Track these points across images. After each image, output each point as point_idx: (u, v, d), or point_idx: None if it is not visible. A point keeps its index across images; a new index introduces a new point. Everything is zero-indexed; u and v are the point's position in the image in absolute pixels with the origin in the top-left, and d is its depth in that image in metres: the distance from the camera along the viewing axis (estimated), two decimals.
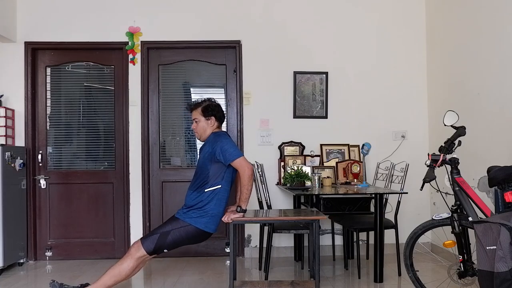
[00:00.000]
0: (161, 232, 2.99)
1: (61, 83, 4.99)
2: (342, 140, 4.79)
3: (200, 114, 3.18)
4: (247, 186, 3.00)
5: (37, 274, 4.32)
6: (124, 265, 2.96)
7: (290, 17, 4.88)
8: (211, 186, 3.04)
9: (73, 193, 4.82)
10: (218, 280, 3.96)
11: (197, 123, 3.20)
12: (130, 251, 3.00)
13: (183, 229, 3.00)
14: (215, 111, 3.19)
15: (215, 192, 3.04)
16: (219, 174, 3.05)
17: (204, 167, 3.07)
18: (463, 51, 4.20)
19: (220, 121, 3.24)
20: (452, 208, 2.91)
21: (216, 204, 3.04)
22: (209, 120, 3.18)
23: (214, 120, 3.19)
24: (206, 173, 3.05)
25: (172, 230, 2.99)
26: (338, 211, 3.97)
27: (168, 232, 2.98)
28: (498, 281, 2.34)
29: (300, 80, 4.85)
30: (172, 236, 2.99)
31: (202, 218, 3.00)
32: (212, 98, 3.31)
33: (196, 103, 3.26)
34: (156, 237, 2.97)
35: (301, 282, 3.32)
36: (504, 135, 3.54)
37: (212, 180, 3.04)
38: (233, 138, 4.85)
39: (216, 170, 3.05)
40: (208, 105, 3.20)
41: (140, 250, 2.97)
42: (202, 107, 3.19)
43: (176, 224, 3.02)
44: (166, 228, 3.01)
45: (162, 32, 4.82)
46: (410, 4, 4.95)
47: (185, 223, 3.00)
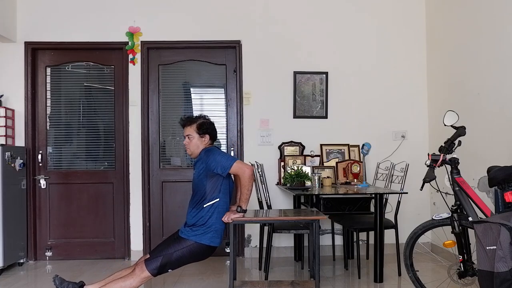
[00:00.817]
0: (164, 254, 2.97)
1: (61, 83, 4.99)
2: (342, 140, 4.79)
3: (195, 131, 3.12)
4: (248, 186, 3.00)
5: (37, 274, 4.32)
6: (127, 282, 2.93)
7: (290, 17, 4.88)
8: (209, 201, 3.02)
9: (73, 193, 4.82)
10: (218, 280, 3.96)
11: (190, 139, 3.13)
12: (135, 271, 2.97)
13: (186, 249, 2.97)
14: (210, 129, 3.15)
15: (214, 206, 3.03)
16: (215, 188, 3.03)
17: (200, 184, 3.05)
18: (463, 51, 4.20)
19: (214, 139, 3.19)
20: (452, 208, 2.91)
21: (218, 218, 3.03)
22: (203, 137, 3.12)
23: (208, 138, 3.14)
24: (203, 189, 3.03)
25: (176, 251, 2.96)
26: (338, 211, 3.96)
27: (171, 254, 2.96)
28: (498, 281, 2.34)
29: (300, 80, 4.85)
30: (175, 257, 2.97)
31: (206, 234, 2.99)
32: (206, 116, 3.24)
33: (190, 119, 3.20)
34: (160, 259, 2.95)
35: (301, 282, 3.32)
36: (504, 135, 3.54)
37: (210, 195, 3.02)
38: (233, 138, 4.86)
39: (212, 185, 3.03)
40: (203, 123, 3.14)
41: (144, 271, 2.95)
42: (197, 124, 3.13)
43: (179, 244, 2.99)
44: (169, 250, 2.98)
45: (162, 32, 4.82)
46: (410, 4, 4.95)
47: (190, 242, 2.97)
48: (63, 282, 3.03)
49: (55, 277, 3.06)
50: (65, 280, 3.04)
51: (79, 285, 3.02)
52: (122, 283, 2.93)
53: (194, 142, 3.13)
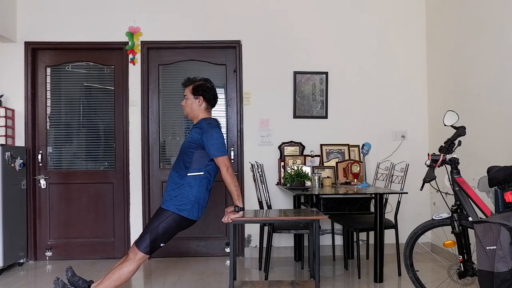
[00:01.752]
0: (151, 230, 3.01)
1: (61, 83, 4.99)
2: (342, 140, 4.78)
3: (190, 92, 3.19)
4: (232, 183, 3.02)
5: (37, 274, 4.32)
6: (124, 269, 2.98)
7: (290, 17, 4.88)
8: (193, 172, 3.04)
9: (73, 193, 4.82)
10: (218, 280, 3.96)
11: (185, 100, 3.22)
12: (128, 255, 3.03)
13: (170, 219, 3.01)
14: (206, 91, 3.18)
15: (197, 178, 3.04)
16: (202, 162, 3.05)
17: (188, 151, 3.08)
18: (463, 51, 4.20)
19: (210, 103, 3.22)
20: (452, 208, 2.91)
21: (199, 191, 3.04)
22: (197, 99, 3.17)
23: (203, 100, 3.18)
24: (190, 157, 3.06)
25: (160, 223, 3.01)
26: (338, 211, 3.96)
27: (157, 227, 3.00)
28: (498, 281, 2.34)
29: (300, 80, 4.85)
30: (161, 229, 3.00)
31: (185, 205, 3.01)
32: (209, 79, 3.28)
33: (190, 80, 3.26)
34: (148, 236, 3.00)
35: (301, 282, 3.32)
36: (504, 135, 3.54)
37: (195, 166, 3.05)
38: (233, 138, 4.86)
39: (199, 157, 3.05)
40: (199, 85, 3.20)
41: (138, 253, 3.00)
42: (194, 85, 3.20)
43: (162, 216, 3.03)
44: (154, 224, 3.03)
45: (162, 32, 4.82)
46: (410, 4, 4.95)
47: (170, 212, 3.01)
48: (74, 276, 3.07)
49: (68, 268, 3.10)
50: (76, 275, 3.08)
51: (88, 284, 3.04)
52: (120, 271, 2.98)
53: (189, 103, 3.20)
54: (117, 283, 2.98)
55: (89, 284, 3.04)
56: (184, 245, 4.79)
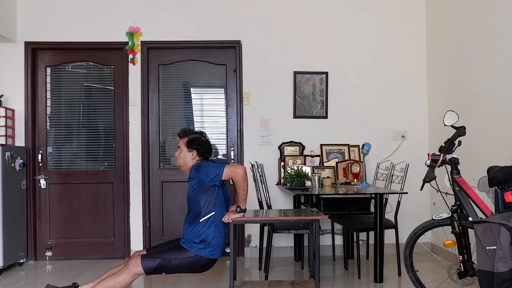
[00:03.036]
0: (163, 258, 2.97)
1: (61, 83, 4.99)
2: (342, 140, 4.78)
3: (184, 144, 3.16)
4: (243, 186, 3.00)
5: (37, 274, 4.32)
6: (120, 278, 2.93)
7: (290, 17, 4.88)
8: (205, 215, 3.03)
9: (73, 193, 4.82)
10: (218, 280, 3.96)
11: (179, 151, 3.19)
12: (128, 265, 2.97)
13: (186, 260, 2.98)
14: (200, 145, 3.15)
15: (210, 219, 3.03)
16: (210, 201, 3.03)
17: (194, 199, 3.06)
18: (463, 51, 4.20)
19: (203, 156, 3.18)
20: (452, 208, 2.91)
21: (216, 231, 3.03)
22: (191, 152, 3.14)
23: (196, 154, 3.15)
24: (198, 204, 3.04)
25: (175, 258, 2.97)
26: (338, 211, 3.96)
27: (170, 260, 2.97)
28: (498, 281, 2.34)
29: (300, 80, 4.85)
30: (174, 264, 2.97)
31: (206, 248, 3.00)
32: (204, 133, 3.25)
33: (184, 132, 3.24)
34: (158, 261, 2.95)
35: (301, 282, 3.32)
36: (504, 135, 3.54)
37: (205, 209, 3.03)
38: (233, 138, 4.86)
39: (207, 198, 3.03)
40: (194, 138, 3.17)
41: (138, 267, 2.94)
42: (188, 138, 3.17)
43: (181, 253, 2.99)
44: (169, 255, 2.98)
45: (162, 32, 4.82)
46: (410, 4, 4.95)
47: (191, 254, 2.98)
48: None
49: (47, 286, 3.06)
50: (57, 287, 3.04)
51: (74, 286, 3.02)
52: (115, 279, 2.94)
53: (182, 155, 3.17)
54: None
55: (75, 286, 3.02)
56: None
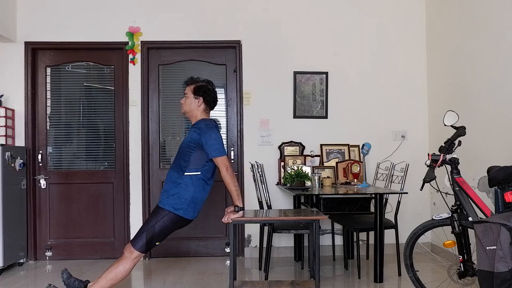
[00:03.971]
0: (147, 229, 3.03)
1: (61, 83, 4.99)
2: (342, 140, 4.79)
3: (191, 91, 3.22)
4: (231, 183, 3.04)
5: (37, 274, 4.32)
6: (120, 267, 3.00)
7: (290, 17, 4.87)
8: (191, 171, 3.07)
9: (73, 193, 4.82)
10: (218, 280, 3.96)
11: (185, 98, 3.24)
12: (124, 254, 3.04)
13: (166, 218, 3.03)
14: (206, 93, 3.21)
15: (194, 178, 3.06)
16: (200, 162, 3.08)
17: (187, 150, 3.10)
18: (463, 51, 4.20)
19: (209, 105, 3.24)
20: (452, 208, 2.91)
21: (195, 191, 3.06)
22: (197, 99, 3.20)
23: (202, 101, 3.20)
24: (188, 156, 3.08)
25: (157, 222, 3.03)
26: (338, 211, 3.96)
27: (153, 226, 3.02)
28: (498, 281, 2.34)
29: (300, 80, 4.85)
30: (158, 228, 3.03)
31: (181, 205, 3.03)
32: (211, 82, 3.31)
33: (192, 79, 3.29)
34: (144, 235, 3.02)
35: (301, 282, 3.32)
36: (504, 135, 3.54)
37: (193, 165, 3.07)
38: (233, 138, 4.86)
39: (198, 157, 3.07)
40: (201, 86, 3.23)
41: (133, 252, 3.01)
42: (195, 85, 3.23)
43: (159, 215, 3.05)
44: (150, 223, 3.05)
45: (162, 32, 4.82)
46: (410, 4, 4.94)
47: (166, 211, 3.03)
48: (70, 278, 3.06)
49: (64, 270, 3.11)
50: (72, 276, 3.08)
51: (84, 284, 3.04)
52: (115, 270, 3.00)
53: (188, 102, 3.22)
54: (114, 282, 2.99)
55: (85, 284, 3.05)
56: (184, 245, 4.80)
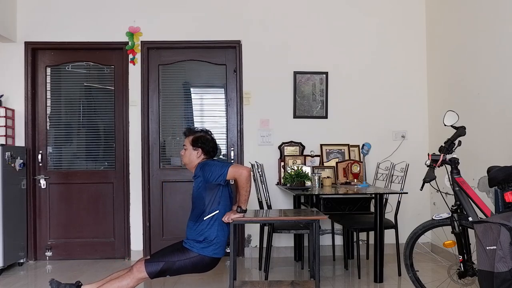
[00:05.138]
0: (167, 261, 2.97)
1: (61, 83, 4.99)
2: (342, 140, 4.79)
3: (190, 143, 3.17)
4: (246, 187, 3.01)
5: (37, 274, 4.32)
6: (124, 283, 2.93)
7: (290, 17, 4.88)
8: (209, 213, 3.03)
9: (73, 193, 4.82)
10: (218, 280, 3.96)
11: (184, 150, 3.20)
12: (132, 270, 2.96)
13: (189, 260, 2.98)
14: (205, 144, 3.16)
15: (214, 218, 3.03)
16: (215, 200, 3.04)
17: (199, 197, 3.07)
18: (463, 51, 4.20)
19: (209, 154, 3.18)
20: (452, 208, 2.91)
21: (219, 230, 3.03)
22: (196, 151, 3.15)
23: (201, 152, 3.15)
24: (203, 202, 3.05)
25: (179, 260, 2.97)
26: (338, 211, 3.96)
27: (174, 262, 2.97)
28: (498, 281, 2.34)
29: (300, 80, 4.85)
30: (177, 266, 2.97)
31: (209, 247, 3.00)
32: (210, 131, 3.26)
33: (190, 131, 3.25)
34: (161, 265, 2.95)
35: (301, 282, 3.32)
36: (504, 135, 3.54)
37: (209, 207, 3.04)
38: (233, 138, 4.86)
39: (211, 197, 3.04)
40: (199, 137, 3.17)
41: (143, 272, 2.94)
42: (193, 137, 3.18)
43: (183, 255, 2.99)
44: (173, 258, 2.98)
45: (162, 32, 4.82)
46: (410, 5, 4.95)
47: (194, 254, 2.98)
48: (60, 285, 3.02)
49: (51, 281, 3.05)
50: (61, 283, 3.04)
51: (76, 286, 3.02)
52: (118, 283, 2.93)
53: (187, 154, 3.18)
54: None
55: (78, 285, 3.03)
56: None
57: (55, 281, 3.04)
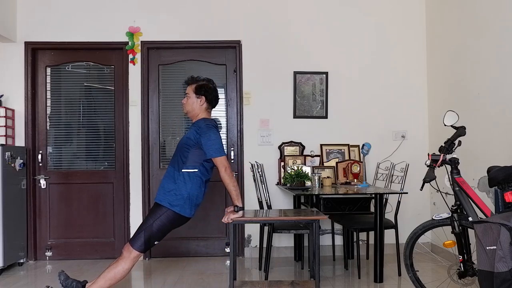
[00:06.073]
0: (145, 228, 3.03)
1: (61, 83, 4.99)
2: (342, 140, 4.79)
3: (193, 90, 3.21)
4: (230, 183, 3.04)
5: (37, 274, 4.32)
6: (119, 267, 3.00)
7: (290, 17, 4.87)
8: (188, 168, 3.07)
9: (73, 193, 4.82)
10: (218, 280, 3.96)
11: (187, 98, 3.23)
12: (122, 254, 3.04)
13: (164, 216, 3.03)
14: (208, 92, 3.21)
15: (191, 175, 3.06)
16: (197, 160, 3.07)
17: (184, 148, 3.10)
18: (463, 51, 4.20)
19: (211, 103, 3.24)
20: (452, 208, 2.91)
21: (192, 188, 3.05)
22: (199, 98, 3.19)
23: (204, 100, 3.20)
24: (186, 153, 3.08)
25: (154, 221, 3.02)
26: (338, 211, 3.96)
27: (151, 225, 3.02)
28: (498, 281, 2.35)
29: (300, 80, 4.85)
30: (156, 227, 3.02)
31: (177, 201, 3.03)
32: (212, 80, 3.30)
33: (193, 79, 3.28)
34: (142, 234, 3.02)
35: (301, 282, 3.32)
36: (504, 135, 3.54)
37: (190, 162, 3.07)
38: (233, 138, 4.86)
39: (196, 155, 3.07)
40: (202, 84, 3.22)
41: (132, 251, 3.02)
42: (196, 84, 3.22)
43: (156, 213, 3.05)
44: (148, 222, 3.05)
45: (162, 32, 4.82)
46: (410, 5, 4.94)
47: (164, 209, 3.03)
48: (67, 279, 3.05)
49: (61, 272, 3.10)
50: (69, 277, 3.07)
51: (82, 284, 3.04)
52: (114, 270, 3.00)
53: (190, 101, 3.22)
54: (112, 281, 2.99)
55: (83, 284, 3.04)
56: (184, 245, 4.79)
57: (64, 273, 3.09)
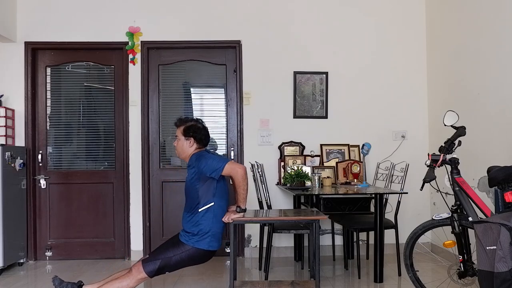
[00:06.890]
0: (163, 258, 2.97)
1: (61, 83, 4.99)
2: (342, 140, 4.79)
3: (181, 133, 3.15)
4: (243, 186, 3.00)
5: (37, 274, 4.32)
6: (124, 283, 2.94)
7: (290, 17, 4.88)
8: (204, 205, 3.02)
9: (73, 193, 4.82)
10: (218, 280, 3.96)
11: (177, 141, 3.19)
12: (131, 271, 2.97)
13: (185, 253, 2.98)
14: (196, 132, 3.14)
15: (210, 210, 3.02)
16: (209, 192, 3.03)
17: (192, 188, 3.06)
18: (463, 51, 4.20)
19: (201, 142, 3.16)
20: (452, 208, 2.91)
21: (214, 222, 3.02)
22: (188, 140, 3.14)
23: (193, 141, 3.14)
24: (196, 193, 3.03)
25: (175, 255, 2.97)
26: (338, 211, 3.96)
27: (170, 258, 2.97)
28: (498, 281, 2.35)
29: (300, 80, 4.85)
30: (174, 261, 2.98)
31: (204, 239, 2.99)
32: (200, 120, 3.24)
33: (180, 121, 3.22)
34: (158, 263, 2.95)
35: (301, 282, 3.32)
36: (504, 135, 3.54)
37: (204, 199, 3.02)
38: (233, 138, 4.86)
39: (206, 188, 3.02)
40: (190, 126, 3.15)
41: (142, 273, 2.95)
42: (184, 127, 3.16)
43: (178, 249, 2.99)
44: (168, 253, 2.98)
45: (162, 32, 4.82)
46: (410, 5, 4.95)
47: (188, 247, 2.98)
48: (62, 283, 3.03)
49: (54, 277, 3.07)
50: (64, 281, 3.05)
51: (77, 285, 3.02)
52: (118, 284, 2.94)
53: (180, 144, 3.17)
54: None
55: (79, 285, 3.03)
56: None
57: (58, 278, 3.06)
